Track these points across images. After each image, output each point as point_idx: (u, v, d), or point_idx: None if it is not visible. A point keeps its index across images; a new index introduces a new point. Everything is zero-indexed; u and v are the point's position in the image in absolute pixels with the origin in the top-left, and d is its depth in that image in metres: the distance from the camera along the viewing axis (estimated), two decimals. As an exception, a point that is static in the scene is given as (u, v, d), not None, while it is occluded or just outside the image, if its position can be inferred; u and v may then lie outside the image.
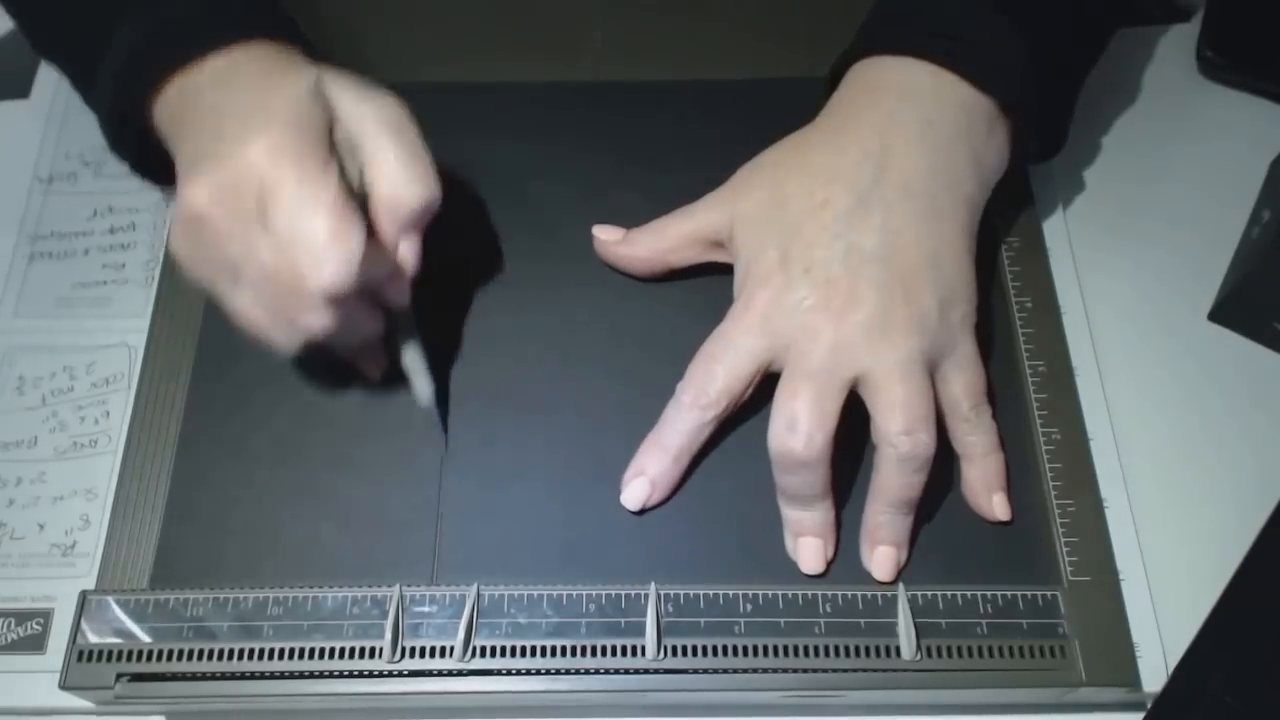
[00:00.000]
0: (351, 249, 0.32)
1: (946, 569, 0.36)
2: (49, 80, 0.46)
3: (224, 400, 0.39)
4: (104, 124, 0.37)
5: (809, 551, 0.36)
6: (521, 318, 0.40)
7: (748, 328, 0.36)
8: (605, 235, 0.41)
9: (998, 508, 0.37)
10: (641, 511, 0.37)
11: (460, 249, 0.41)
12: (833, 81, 0.40)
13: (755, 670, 0.34)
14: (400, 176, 0.34)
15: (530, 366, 0.39)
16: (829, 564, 0.36)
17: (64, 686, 0.34)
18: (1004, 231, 0.42)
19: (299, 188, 0.32)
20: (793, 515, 0.36)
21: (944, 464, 0.37)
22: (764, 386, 0.36)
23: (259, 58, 0.35)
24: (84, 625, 0.35)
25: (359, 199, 0.34)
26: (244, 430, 0.38)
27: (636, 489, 0.37)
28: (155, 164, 0.38)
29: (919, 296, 0.35)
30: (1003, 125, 0.38)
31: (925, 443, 0.34)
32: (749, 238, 0.38)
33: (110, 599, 0.35)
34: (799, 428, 0.34)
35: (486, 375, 0.39)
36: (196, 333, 0.40)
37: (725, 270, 0.39)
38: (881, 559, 0.36)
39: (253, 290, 0.34)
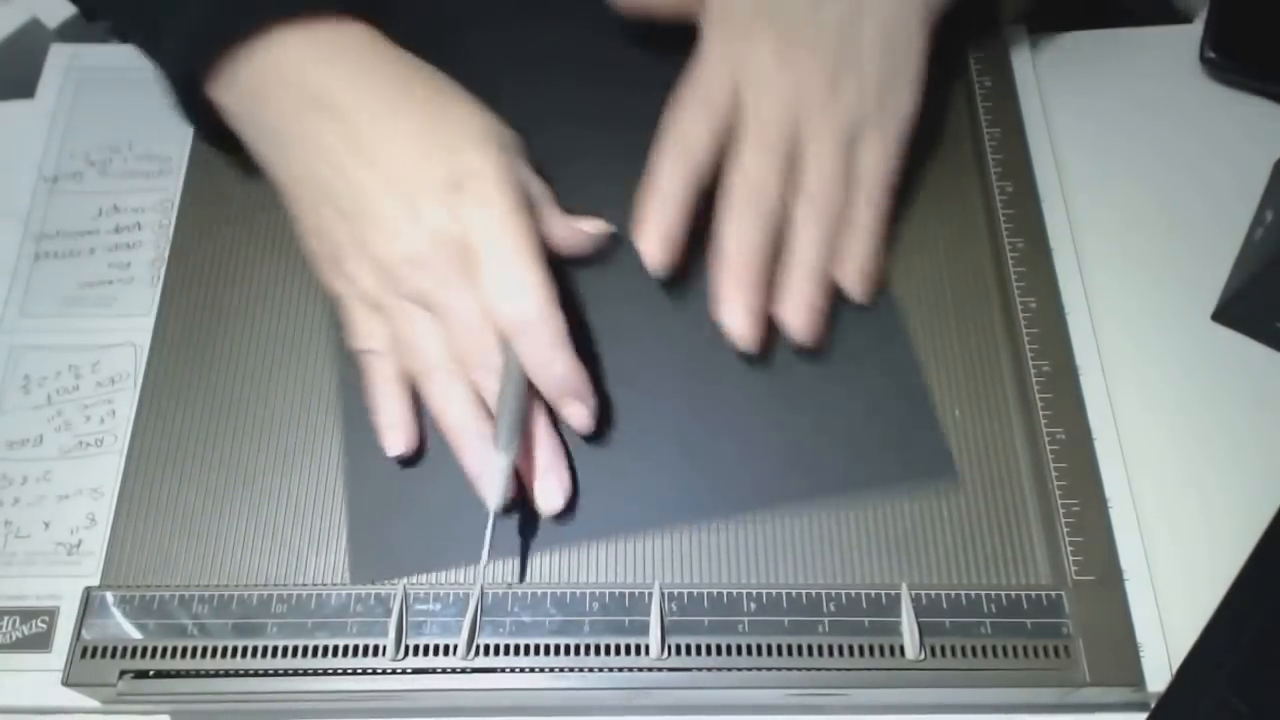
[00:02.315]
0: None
1: (950, 569, 0.36)
2: (54, 80, 0.46)
3: (225, 401, 0.39)
4: (172, 87, 0.39)
5: (736, 314, 0.38)
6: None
7: (713, 78, 0.39)
8: None
9: (845, 279, 0.39)
10: (664, 271, 0.39)
11: None
12: None
13: (759, 669, 0.34)
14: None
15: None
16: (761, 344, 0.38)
17: (66, 683, 0.34)
18: (1009, 233, 0.42)
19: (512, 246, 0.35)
20: (727, 272, 0.38)
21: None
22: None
23: (367, 43, 0.38)
24: (87, 622, 0.35)
25: None
26: (245, 431, 0.38)
27: (646, 245, 0.38)
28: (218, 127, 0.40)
29: (867, 69, 0.38)
30: None
31: (833, 201, 0.39)
32: None
33: (114, 596, 0.35)
34: (754, 172, 0.38)
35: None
36: (201, 332, 0.40)
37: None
38: (794, 317, 0.38)
39: (438, 325, 0.36)
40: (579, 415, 0.37)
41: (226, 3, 0.37)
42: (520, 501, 0.37)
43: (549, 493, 0.36)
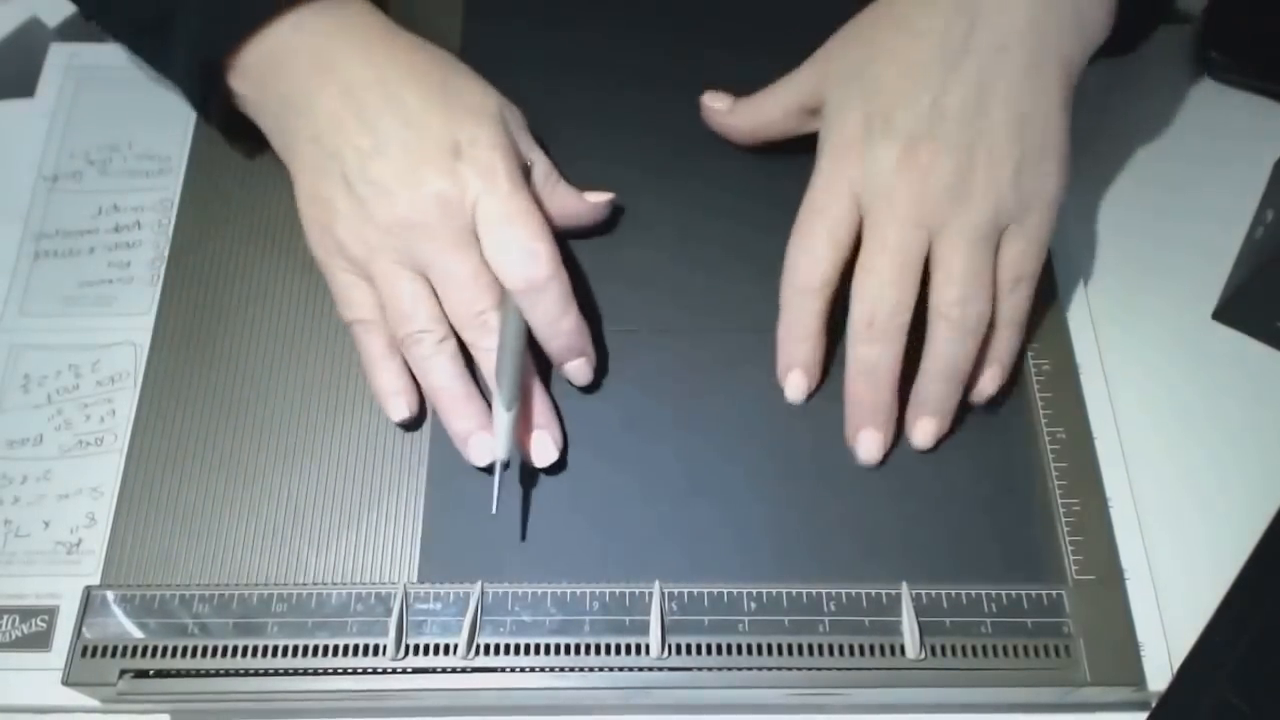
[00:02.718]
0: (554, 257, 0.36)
1: (951, 568, 0.36)
2: (54, 79, 0.46)
3: (225, 401, 0.39)
4: (188, 76, 0.39)
5: (869, 443, 0.37)
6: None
7: (833, 195, 0.37)
8: (713, 103, 0.43)
9: (984, 381, 0.38)
10: (808, 397, 0.38)
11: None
12: None
13: (759, 669, 0.34)
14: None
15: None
16: (885, 457, 0.37)
17: (67, 683, 0.34)
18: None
19: (514, 208, 0.36)
20: (860, 399, 0.37)
21: (947, 461, 0.37)
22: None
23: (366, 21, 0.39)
24: (87, 621, 0.35)
25: None
26: (245, 431, 0.38)
27: (796, 381, 0.38)
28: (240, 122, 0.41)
29: (998, 158, 0.35)
30: None
31: (975, 314, 0.36)
32: (835, 98, 0.38)
33: (114, 595, 0.35)
34: (886, 299, 0.35)
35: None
36: (201, 332, 0.40)
37: (737, 253, 0.40)
38: (924, 429, 0.37)
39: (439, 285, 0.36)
40: (582, 371, 0.38)
41: None
42: (526, 500, 0.37)
43: (545, 447, 0.37)
